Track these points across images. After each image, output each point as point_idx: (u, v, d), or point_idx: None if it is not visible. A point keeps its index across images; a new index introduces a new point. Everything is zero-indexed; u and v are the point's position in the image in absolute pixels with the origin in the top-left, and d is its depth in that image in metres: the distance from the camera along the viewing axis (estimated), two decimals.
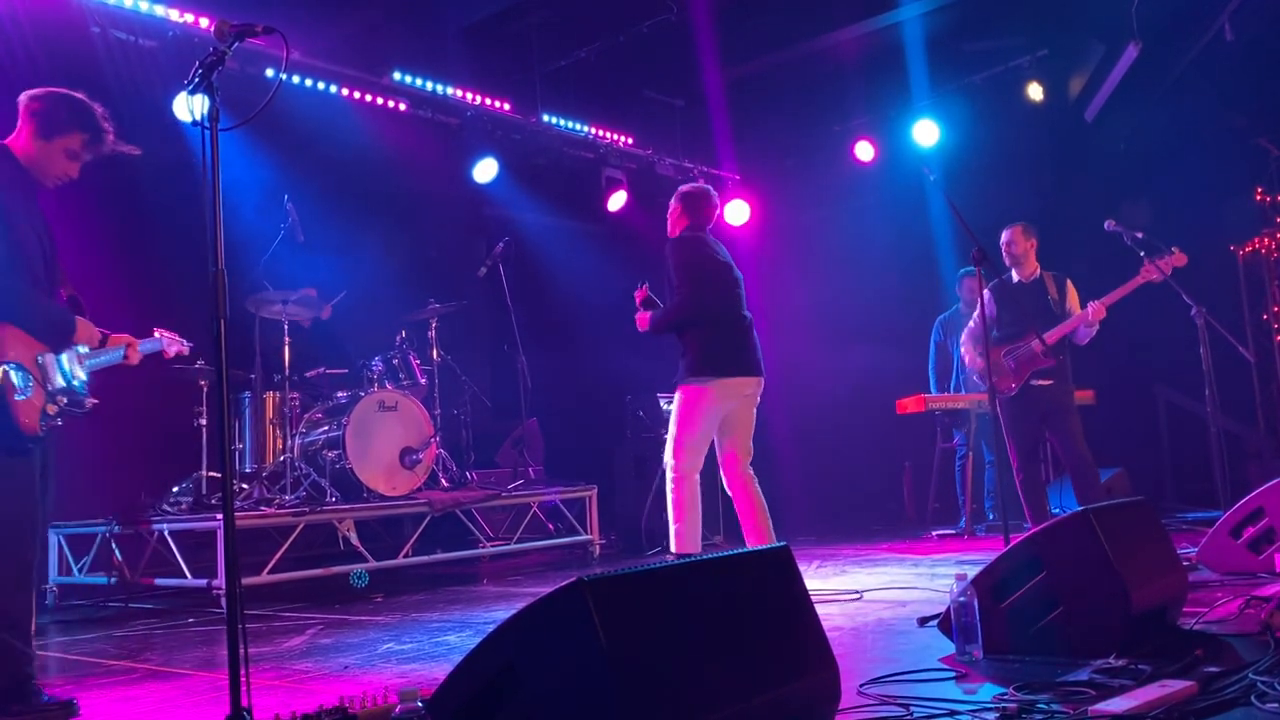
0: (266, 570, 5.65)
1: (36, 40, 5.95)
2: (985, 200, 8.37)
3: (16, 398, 3.06)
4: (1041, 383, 5.86)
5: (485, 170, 8.35)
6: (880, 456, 9.13)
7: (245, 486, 6.36)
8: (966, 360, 6.43)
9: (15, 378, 3.07)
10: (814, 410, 9.33)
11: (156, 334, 3.79)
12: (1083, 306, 5.89)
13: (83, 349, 3.37)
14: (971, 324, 6.26)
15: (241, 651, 2.46)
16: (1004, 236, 6.07)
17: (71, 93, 3.39)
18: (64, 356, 3.29)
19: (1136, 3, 7.01)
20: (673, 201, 5.16)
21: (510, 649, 2.09)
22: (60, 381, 3.25)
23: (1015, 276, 6.07)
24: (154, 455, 6.61)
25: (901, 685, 2.86)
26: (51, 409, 3.20)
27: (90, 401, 3.37)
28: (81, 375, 3.35)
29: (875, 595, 4.70)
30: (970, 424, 7.57)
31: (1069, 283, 6.05)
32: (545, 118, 8.81)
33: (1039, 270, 6.03)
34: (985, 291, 6.16)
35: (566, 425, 8.94)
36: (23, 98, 3.36)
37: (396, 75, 7.83)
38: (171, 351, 3.83)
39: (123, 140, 3.52)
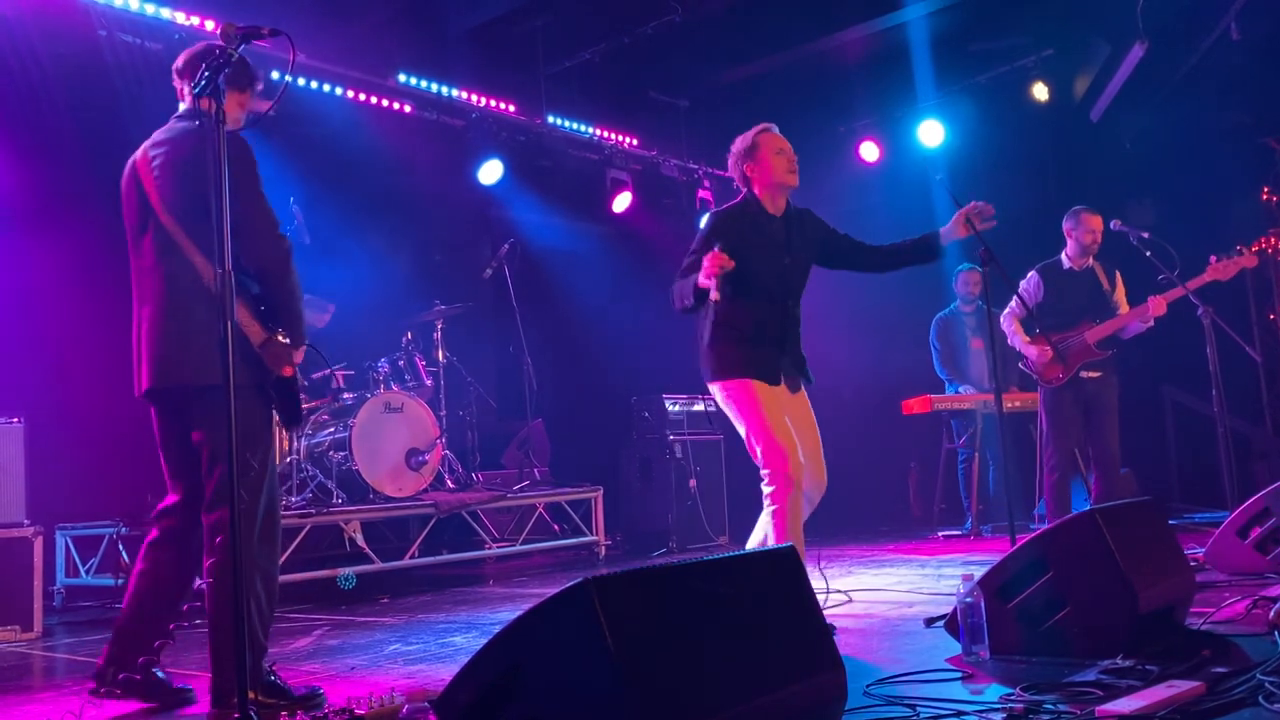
0: None
1: (43, 44, 5.97)
2: (990, 200, 8.33)
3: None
4: (1090, 374, 5.80)
5: (490, 172, 8.36)
6: (886, 457, 9.12)
7: None
8: (1009, 339, 6.16)
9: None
10: (818, 411, 9.31)
11: None
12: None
13: None
14: (1013, 305, 6.08)
15: (248, 653, 2.47)
16: (1087, 222, 5.84)
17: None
18: None
19: (1142, 2, 6.99)
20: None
21: (516, 650, 2.10)
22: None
23: (1067, 263, 5.96)
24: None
25: (908, 686, 2.85)
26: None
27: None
28: None
29: (881, 595, 4.69)
30: (976, 424, 7.56)
31: (1118, 274, 5.99)
32: (550, 119, 8.81)
33: (1091, 259, 5.97)
34: (1033, 274, 6.07)
35: (572, 426, 8.95)
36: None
37: (402, 77, 7.84)
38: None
39: (128, 138, 3.52)
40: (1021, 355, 6.07)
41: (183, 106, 3.34)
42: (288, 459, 6.49)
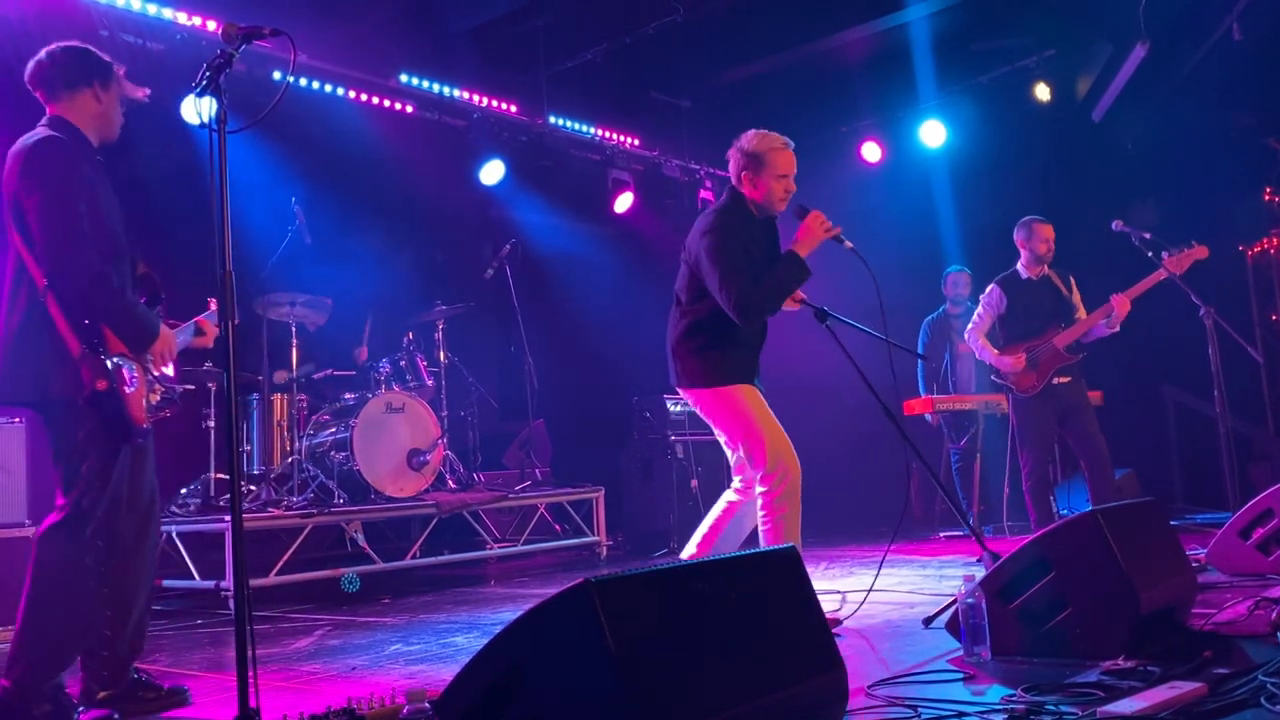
0: (274, 571, 5.66)
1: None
2: (992, 201, 8.36)
3: (127, 390, 3.07)
4: (1061, 380, 5.81)
5: (492, 172, 8.36)
6: (887, 457, 9.10)
7: (253, 488, 6.38)
8: (978, 354, 6.17)
9: (125, 370, 3.08)
10: (820, 411, 9.32)
11: (212, 304, 3.63)
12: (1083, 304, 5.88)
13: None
14: (976, 319, 6.15)
15: (249, 653, 2.46)
16: (1040, 232, 5.90)
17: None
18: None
19: (1144, 2, 6.98)
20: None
21: (517, 650, 2.10)
22: (154, 371, 3.26)
23: (1024, 274, 6.01)
24: (162, 456, 6.57)
25: (909, 686, 2.85)
26: (153, 398, 3.21)
27: (184, 388, 3.39)
28: (167, 370, 3.36)
29: (883, 596, 4.69)
30: (978, 425, 7.56)
31: (1072, 279, 6.03)
32: (552, 119, 8.81)
33: (1045, 267, 6.00)
34: (994, 287, 6.10)
35: (573, 426, 8.94)
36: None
37: (403, 77, 7.84)
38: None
39: (131, 138, 3.49)
40: (993, 368, 6.05)
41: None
42: (289, 459, 6.49)
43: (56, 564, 3.00)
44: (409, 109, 7.92)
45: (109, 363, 3.03)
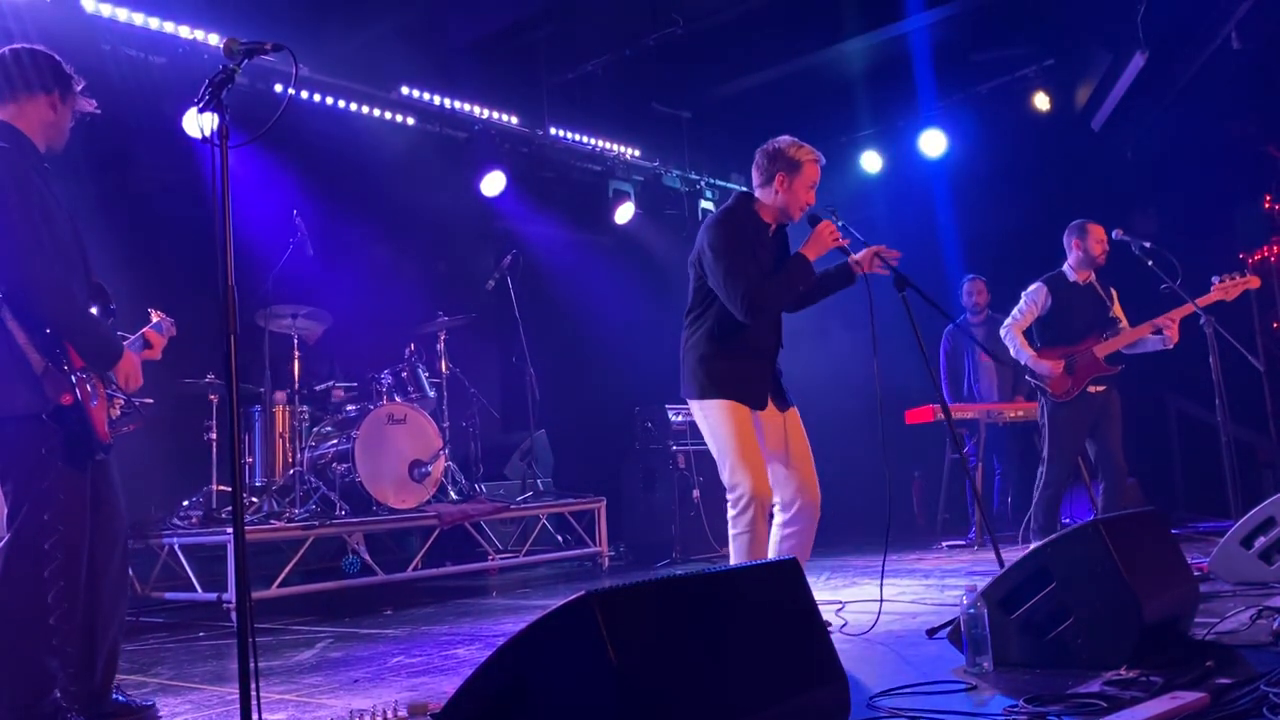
0: (276, 583, 5.66)
1: None
2: (992, 210, 8.38)
3: (92, 404, 3.04)
4: (1096, 389, 5.77)
5: (493, 183, 8.37)
6: (891, 464, 9.09)
7: (255, 500, 6.38)
8: (1014, 352, 5.94)
9: (87, 384, 3.04)
10: (822, 418, 9.30)
11: (155, 316, 3.62)
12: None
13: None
14: (1017, 314, 5.92)
15: (251, 665, 2.46)
16: (1096, 233, 5.77)
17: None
18: None
19: (1143, 11, 7.01)
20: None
21: (519, 663, 2.10)
22: (121, 387, 3.23)
23: (1072, 276, 5.84)
24: (164, 469, 6.63)
25: (912, 697, 2.85)
26: (114, 413, 3.19)
27: (143, 402, 3.35)
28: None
29: (885, 606, 4.68)
30: (980, 434, 7.56)
31: (1113, 290, 5.95)
32: (553, 131, 8.84)
33: (1093, 274, 5.89)
34: (1041, 285, 5.90)
35: (575, 437, 8.94)
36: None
37: (405, 89, 7.86)
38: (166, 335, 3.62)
39: (133, 152, 3.46)
40: (1027, 368, 5.98)
41: None
42: (291, 471, 6.50)
43: (15, 579, 2.91)
44: (410, 121, 7.94)
45: (72, 377, 2.98)
